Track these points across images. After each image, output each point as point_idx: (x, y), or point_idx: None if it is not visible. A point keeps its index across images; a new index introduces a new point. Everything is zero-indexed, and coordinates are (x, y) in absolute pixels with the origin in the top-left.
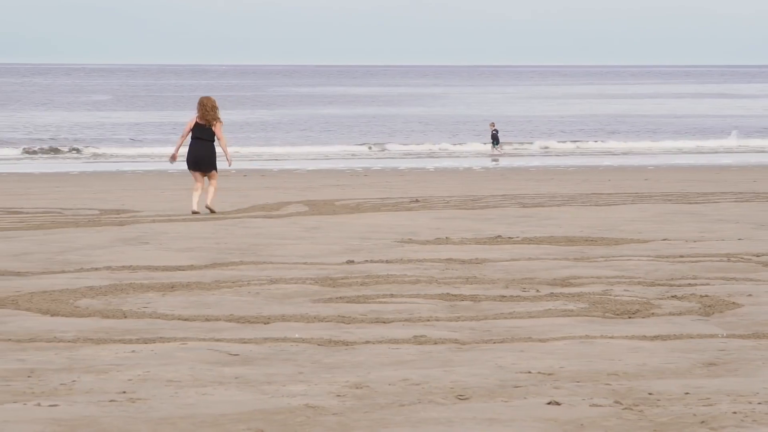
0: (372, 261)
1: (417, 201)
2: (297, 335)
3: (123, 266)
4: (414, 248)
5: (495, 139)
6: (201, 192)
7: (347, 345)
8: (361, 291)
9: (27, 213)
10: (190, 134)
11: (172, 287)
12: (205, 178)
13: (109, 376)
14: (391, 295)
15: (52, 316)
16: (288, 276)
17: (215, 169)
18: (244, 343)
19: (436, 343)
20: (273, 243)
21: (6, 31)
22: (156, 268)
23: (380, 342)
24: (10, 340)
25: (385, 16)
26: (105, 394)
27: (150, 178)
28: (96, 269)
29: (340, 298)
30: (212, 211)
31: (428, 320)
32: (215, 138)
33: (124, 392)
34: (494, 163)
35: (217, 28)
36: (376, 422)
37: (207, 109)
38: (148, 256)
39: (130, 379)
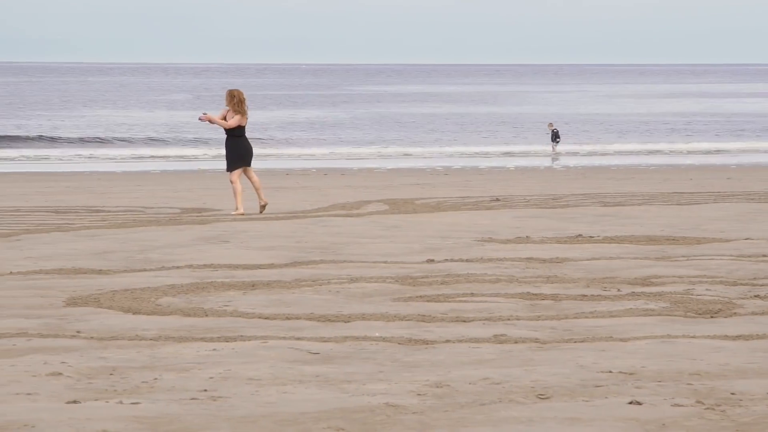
0: (452, 260)
1: (497, 200)
2: (377, 334)
3: (204, 264)
4: (494, 247)
5: (555, 138)
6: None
7: (427, 344)
8: (441, 290)
9: (109, 212)
10: (232, 130)
11: (252, 286)
12: (244, 175)
13: (190, 374)
14: (472, 294)
15: (133, 314)
16: (368, 275)
17: None
18: (325, 341)
19: (516, 343)
20: (353, 242)
21: (71, 30)
22: (237, 267)
23: (460, 341)
24: (92, 338)
25: (448, 14)
26: (186, 392)
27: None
28: (177, 267)
29: (420, 297)
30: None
31: (508, 319)
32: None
33: (206, 390)
34: (556, 162)
35: (292, 28)
36: (456, 421)
37: (245, 103)
38: (229, 255)
39: (211, 377)
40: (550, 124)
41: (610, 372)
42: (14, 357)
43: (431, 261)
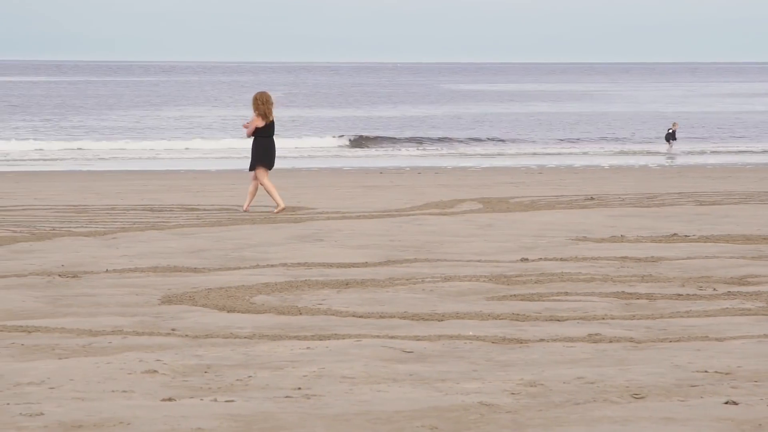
0: (546, 259)
1: (592, 198)
2: (471, 333)
3: (298, 263)
4: (588, 246)
5: (671, 138)
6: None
7: (521, 343)
8: (535, 289)
9: (204, 210)
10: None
11: (346, 284)
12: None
13: (284, 373)
14: (566, 293)
15: (228, 312)
16: (462, 273)
17: None
18: (418, 340)
19: (611, 342)
20: (447, 240)
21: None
22: (331, 265)
23: (555, 340)
24: (187, 336)
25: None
26: (280, 390)
27: (325, 175)
28: (271, 266)
29: (514, 295)
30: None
31: (603, 318)
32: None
33: (299, 388)
34: (670, 161)
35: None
36: (550, 420)
37: (268, 105)
38: (323, 253)
39: (305, 376)
40: (675, 124)
41: (706, 372)
42: (110, 354)
43: (525, 260)
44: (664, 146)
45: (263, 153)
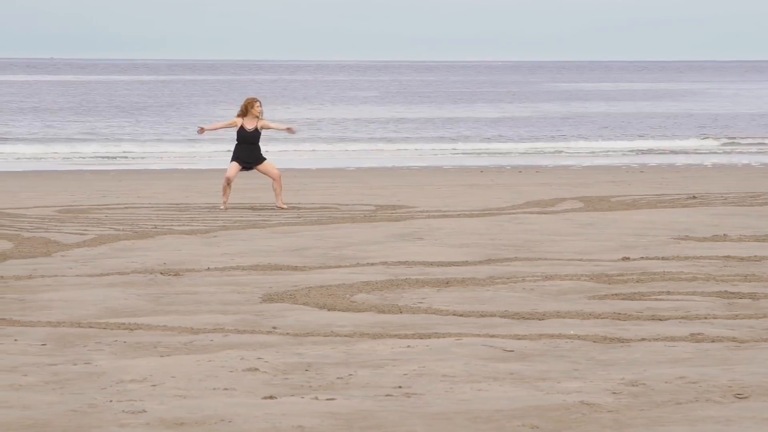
0: (648, 258)
1: (694, 197)
2: (572, 332)
3: (398, 261)
4: (691, 245)
5: None
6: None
7: (623, 342)
8: (636, 288)
9: (304, 208)
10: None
11: (447, 283)
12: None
13: (384, 371)
14: (668, 293)
15: (329, 310)
16: (562, 272)
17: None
18: (519, 339)
19: (713, 341)
20: (547, 239)
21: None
22: (431, 264)
23: (656, 339)
24: (288, 334)
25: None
26: (381, 388)
27: (424, 174)
28: (372, 264)
29: (616, 294)
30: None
31: (705, 318)
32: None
33: (400, 387)
34: None
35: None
36: (652, 420)
37: (247, 108)
38: (423, 252)
39: (405, 374)
40: None
41: None
42: (211, 352)
43: (627, 259)
44: None
45: (236, 154)
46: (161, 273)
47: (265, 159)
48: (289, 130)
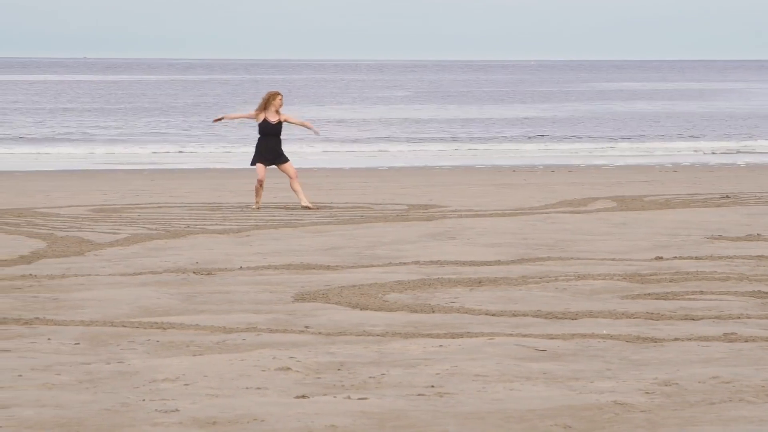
0: (681, 257)
1: (727, 197)
2: (605, 331)
3: (431, 261)
4: (724, 245)
5: None
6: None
7: (656, 342)
8: (669, 287)
9: (337, 208)
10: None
11: (479, 282)
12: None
13: (417, 370)
14: (701, 292)
15: (361, 310)
16: (595, 272)
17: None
18: (552, 338)
19: (747, 341)
20: (580, 238)
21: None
22: (463, 263)
23: (689, 339)
24: (320, 333)
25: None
26: (413, 387)
27: (456, 173)
28: (404, 264)
29: (649, 294)
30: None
31: (739, 317)
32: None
33: (432, 386)
34: None
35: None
36: (685, 420)
37: (267, 102)
38: (456, 251)
39: (438, 373)
40: None
41: None
42: (244, 352)
43: (660, 258)
44: None
45: (258, 150)
46: (194, 272)
47: (288, 160)
48: (305, 125)
